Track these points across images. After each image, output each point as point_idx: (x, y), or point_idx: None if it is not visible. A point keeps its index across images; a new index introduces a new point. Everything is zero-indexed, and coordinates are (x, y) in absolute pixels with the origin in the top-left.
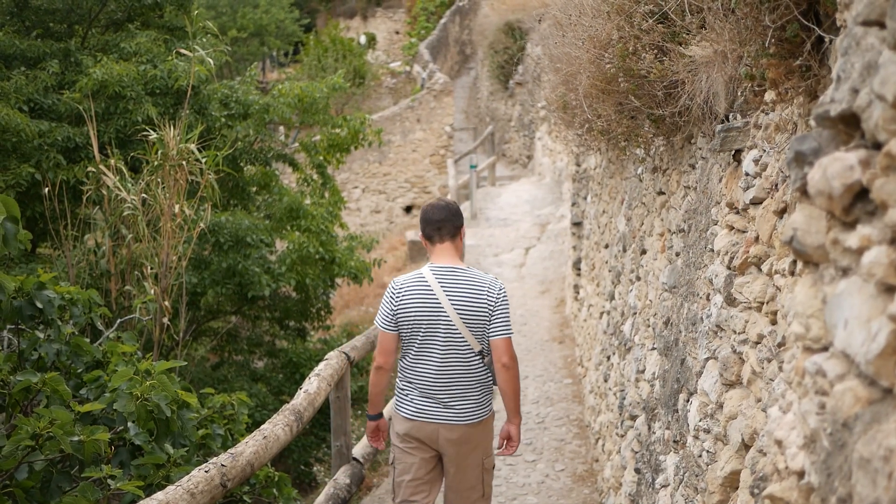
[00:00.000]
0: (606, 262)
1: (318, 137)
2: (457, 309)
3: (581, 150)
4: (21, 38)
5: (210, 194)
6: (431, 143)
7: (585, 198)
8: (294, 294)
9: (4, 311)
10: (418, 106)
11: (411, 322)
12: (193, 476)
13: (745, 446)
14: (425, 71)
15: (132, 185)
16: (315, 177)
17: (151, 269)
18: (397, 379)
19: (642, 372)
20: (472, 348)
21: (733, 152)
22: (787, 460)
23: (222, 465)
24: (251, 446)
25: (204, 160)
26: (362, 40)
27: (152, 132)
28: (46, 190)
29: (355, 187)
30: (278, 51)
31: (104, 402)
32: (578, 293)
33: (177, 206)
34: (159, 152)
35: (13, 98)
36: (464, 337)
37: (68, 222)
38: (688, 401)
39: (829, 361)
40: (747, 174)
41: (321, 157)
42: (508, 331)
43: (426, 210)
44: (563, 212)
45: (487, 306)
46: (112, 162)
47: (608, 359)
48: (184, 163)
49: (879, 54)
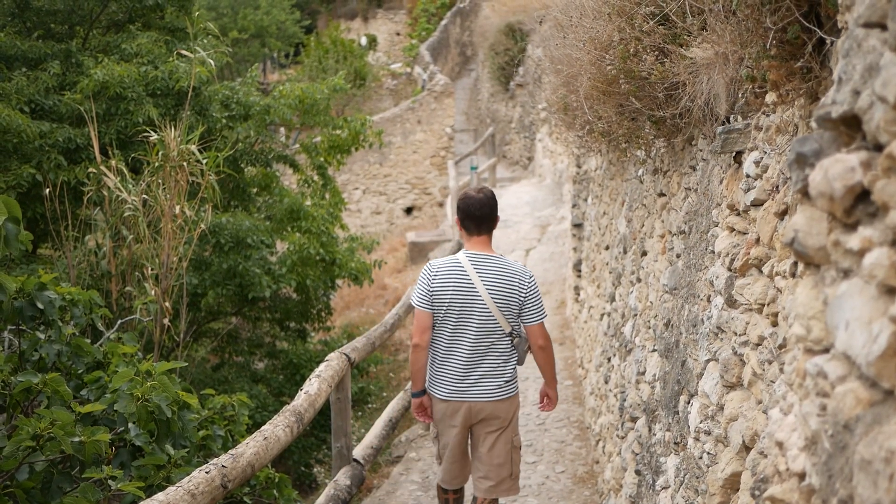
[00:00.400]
0: (607, 264)
1: (318, 139)
2: (490, 293)
3: (582, 151)
4: (22, 39)
5: (211, 195)
6: (432, 144)
7: (586, 199)
8: (294, 295)
9: (5, 311)
10: (419, 107)
11: (446, 302)
12: (194, 477)
13: (746, 448)
14: (426, 72)
15: (133, 186)
16: (316, 178)
17: (152, 270)
18: (430, 358)
19: (643, 374)
20: (504, 329)
21: (734, 154)
22: (788, 462)
23: (223, 466)
24: (252, 447)
25: (205, 161)
26: (363, 42)
27: (153, 133)
28: (47, 191)
29: (356, 188)
30: (279, 52)
31: (105, 403)
32: (579, 295)
33: (177, 207)
34: (160, 153)
35: (14, 99)
36: (496, 319)
37: (69, 223)
38: (688, 402)
39: (830, 363)
40: (748, 176)
41: (322, 159)
42: (542, 316)
43: (467, 203)
44: (564, 213)
45: (519, 292)
46: (113, 163)
47: (609, 360)
48: (184, 164)
49: (881, 56)
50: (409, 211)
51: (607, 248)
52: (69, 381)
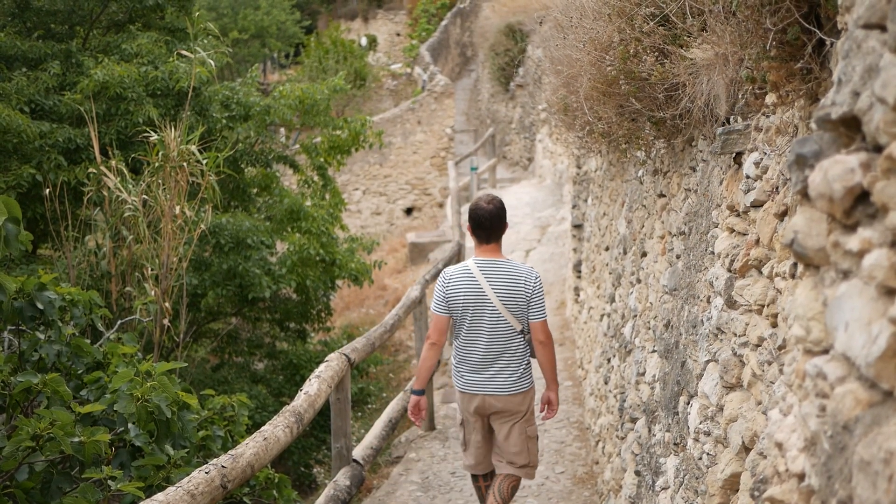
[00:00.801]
0: (607, 265)
1: (318, 139)
2: (498, 295)
3: (582, 152)
4: (22, 40)
5: (211, 196)
6: (432, 144)
7: (586, 200)
8: (294, 296)
9: (5, 311)
10: (419, 108)
11: (459, 306)
12: (194, 477)
13: (746, 449)
14: (426, 73)
15: (133, 187)
16: (316, 178)
17: (152, 270)
18: (452, 357)
19: (643, 374)
20: (514, 328)
21: (734, 155)
22: (787, 463)
23: (223, 467)
24: (251, 448)
25: (205, 161)
26: (363, 42)
27: (153, 133)
28: (47, 191)
29: (356, 189)
30: (279, 52)
31: (105, 404)
32: (579, 295)
33: (177, 208)
34: (160, 154)
35: (14, 99)
36: (506, 319)
37: (69, 223)
38: (688, 403)
39: (829, 364)
40: (748, 177)
41: (322, 159)
42: (543, 314)
43: (478, 214)
44: (564, 214)
45: (525, 292)
46: (113, 163)
47: (608, 361)
48: (185, 164)
49: (880, 57)
50: (409, 211)
51: (607, 248)
52: (69, 381)
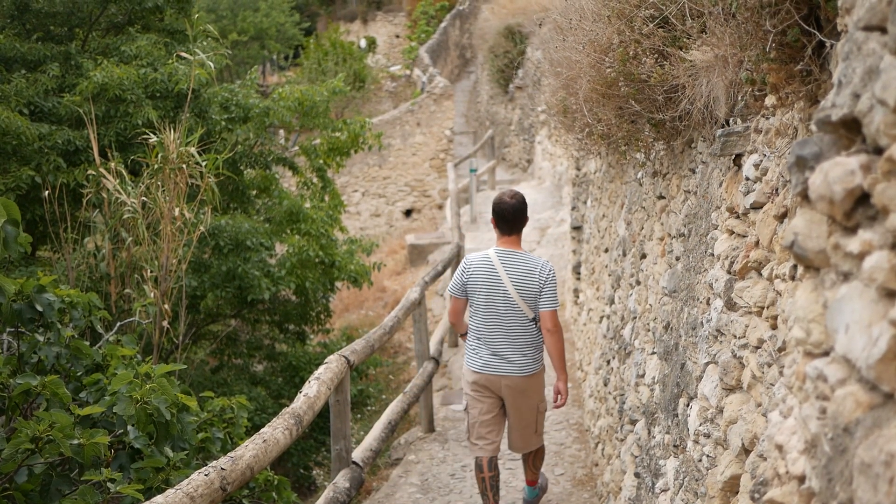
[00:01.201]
0: (606, 267)
1: (318, 141)
2: (514, 284)
3: (581, 154)
4: (21, 42)
5: (210, 198)
6: (431, 146)
7: (585, 202)
8: (294, 297)
9: (4, 313)
10: (418, 109)
11: (478, 292)
12: (193, 479)
13: (746, 451)
14: (425, 75)
15: (132, 189)
16: (315, 180)
17: (151, 272)
18: (468, 338)
19: (642, 376)
20: (527, 315)
21: (734, 157)
22: (787, 465)
23: (222, 469)
24: (251, 450)
25: (204, 163)
26: (362, 44)
27: (152, 135)
28: (46, 193)
29: (355, 191)
30: (278, 54)
31: (104, 406)
32: (578, 297)
33: (177, 210)
34: (159, 155)
35: (13, 101)
36: (520, 306)
37: (68, 225)
38: (688, 405)
39: (830, 366)
40: (748, 179)
41: (321, 161)
42: (554, 304)
43: (501, 208)
44: (563, 216)
45: (538, 282)
46: (112, 165)
47: (608, 363)
48: (184, 166)
49: (881, 59)
50: (408, 213)
51: (606, 250)
52: (68, 383)
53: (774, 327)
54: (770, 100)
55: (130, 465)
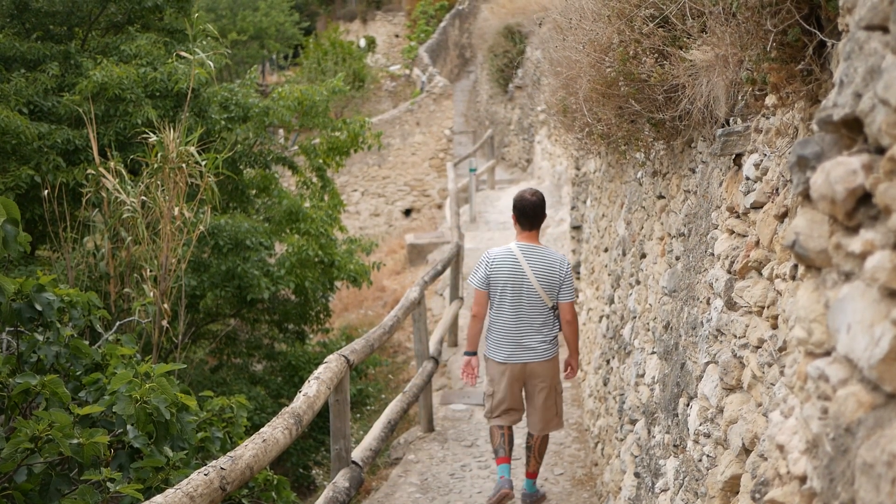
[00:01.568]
0: (606, 266)
1: (317, 140)
2: (536, 276)
3: (581, 153)
4: (21, 41)
5: (209, 197)
6: (431, 146)
7: (585, 201)
8: (293, 297)
9: (4, 313)
10: (418, 109)
11: (501, 283)
12: (193, 479)
13: (746, 451)
14: (425, 74)
15: (132, 188)
16: (314, 180)
17: (151, 271)
18: (488, 329)
19: (642, 376)
20: (546, 304)
21: (734, 156)
22: (788, 465)
23: (221, 469)
24: (250, 449)
25: (203, 163)
26: (362, 43)
27: (152, 135)
28: (46, 192)
29: (354, 190)
30: (278, 54)
31: (103, 405)
32: (577, 297)
33: (176, 209)
34: (159, 155)
35: (13, 100)
36: (540, 296)
37: (68, 225)
38: (688, 405)
39: (831, 366)
40: (748, 178)
41: (321, 160)
42: (572, 296)
43: (523, 205)
44: (563, 215)
45: (558, 275)
46: (112, 164)
47: (608, 363)
48: (183, 165)
49: (883, 59)
50: (407, 213)
51: (606, 250)
52: (67, 382)
53: (775, 327)
54: (770, 99)
55: (130, 464)
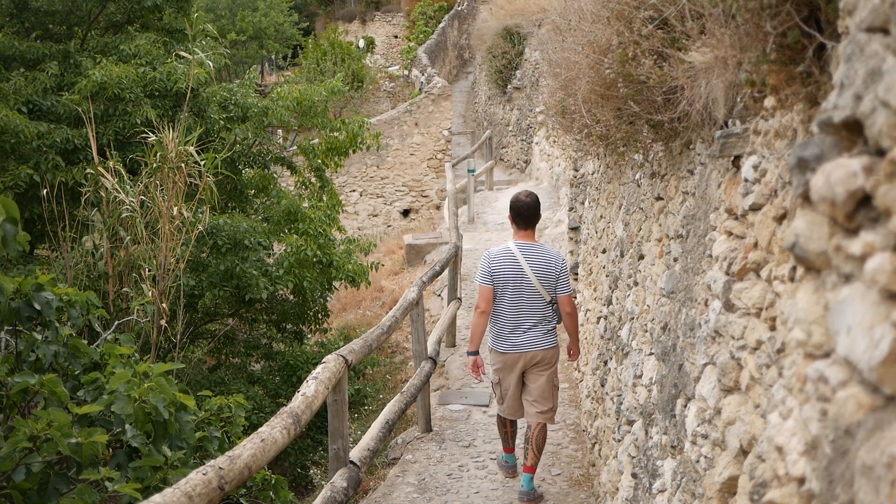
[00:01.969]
0: (604, 267)
1: (316, 141)
2: (534, 272)
3: (579, 154)
4: (20, 40)
5: (208, 197)
6: (429, 147)
7: (583, 203)
8: (291, 297)
9: (2, 312)
10: (416, 110)
11: (503, 279)
12: (191, 479)
13: (744, 452)
14: (424, 75)
15: (131, 188)
16: (313, 180)
17: (149, 271)
18: (490, 323)
19: (640, 377)
20: (545, 298)
21: (732, 158)
22: (787, 466)
23: (220, 468)
24: (249, 449)
25: (202, 163)
26: (361, 44)
27: (151, 134)
28: (45, 191)
29: (353, 191)
30: (277, 54)
31: (102, 404)
32: (575, 298)
33: (175, 209)
34: (158, 154)
35: (12, 99)
36: (538, 291)
37: (66, 224)
38: (685, 406)
39: (831, 368)
40: (746, 180)
41: (319, 161)
42: (570, 289)
43: (518, 206)
44: (561, 216)
45: (554, 270)
46: (111, 164)
47: (605, 363)
48: (182, 165)
49: (883, 61)
50: (406, 213)
51: (604, 251)
52: (66, 382)
53: (773, 329)
54: (769, 101)
55: (128, 463)
